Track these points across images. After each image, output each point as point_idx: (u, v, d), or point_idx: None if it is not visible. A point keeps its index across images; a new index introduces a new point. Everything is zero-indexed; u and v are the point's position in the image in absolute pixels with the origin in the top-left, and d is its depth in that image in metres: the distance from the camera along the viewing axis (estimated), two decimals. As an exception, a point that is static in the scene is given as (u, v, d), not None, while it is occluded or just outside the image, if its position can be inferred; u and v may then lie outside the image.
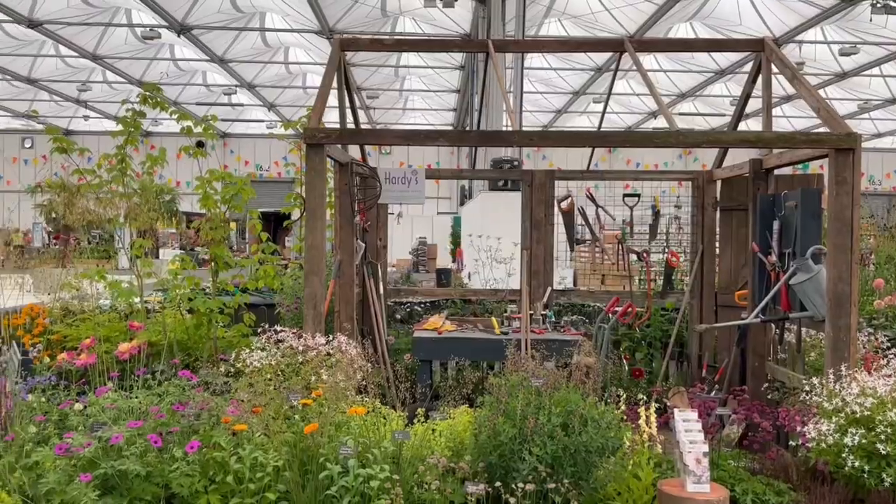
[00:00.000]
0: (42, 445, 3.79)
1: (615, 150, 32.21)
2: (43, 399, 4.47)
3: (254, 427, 3.74)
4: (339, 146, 6.10)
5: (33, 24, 19.80)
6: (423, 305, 8.17)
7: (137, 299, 6.15)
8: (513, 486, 3.61)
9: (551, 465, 3.73)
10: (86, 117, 31.69)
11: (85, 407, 4.16)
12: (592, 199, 7.18)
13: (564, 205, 7.10)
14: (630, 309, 6.66)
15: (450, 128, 31.13)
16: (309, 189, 5.05)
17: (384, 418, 4.28)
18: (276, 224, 11.30)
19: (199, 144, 6.77)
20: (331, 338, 4.47)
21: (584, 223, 7.33)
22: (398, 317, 8.06)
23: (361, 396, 4.32)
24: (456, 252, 16.54)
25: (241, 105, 30.79)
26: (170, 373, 4.80)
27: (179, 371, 4.54)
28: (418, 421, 4.41)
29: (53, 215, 21.87)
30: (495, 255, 8.22)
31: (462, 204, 21.32)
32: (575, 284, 10.28)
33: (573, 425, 3.83)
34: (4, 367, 4.70)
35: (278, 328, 4.47)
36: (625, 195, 7.28)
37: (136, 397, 4.17)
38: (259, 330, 4.60)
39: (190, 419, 3.90)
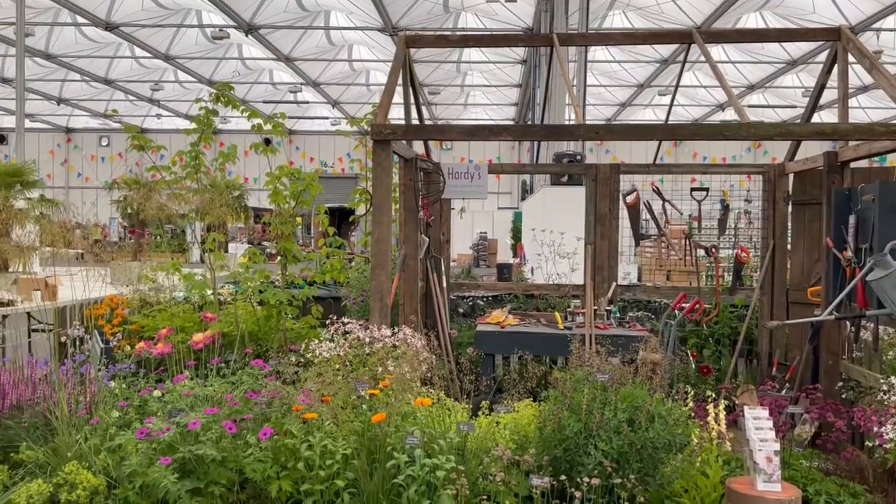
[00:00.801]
0: (124, 429, 3.95)
1: (681, 143, 31.56)
2: (124, 385, 4.66)
3: (323, 416, 3.82)
4: (404, 142, 6.18)
5: (110, 27, 20.62)
6: (485, 300, 8.21)
7: (210, 291, 6.35)
8: (578, 480, 3.61)
9: (617, 460, 3.71)
10: (158, 116, 32.80)
11: (163, 394, 4.32)
12: (659, 193, 7.07)
13: (630, 199, 7.02)
14: (698, 305, 6.54)
15: (511, 122, 31.02)
16: (375, 184, 5.13)
17: (449, 410, 4.33)
18: (340, 219, 11.49)
19: (267, 142, 6.94)
20: (396, 330, 4.54)
21: (649, 218, 7.24)
22: (461, 310, 8.11)
23: (426, 388, 4.38)
24: (517, 247, 16.51)
25: (307, 102, 31.38)
26: (242, 362, 4.95)
27: (252, 361, 4.68)
28: (482, 413, 4.44)
29: (129, 211, 22.75)
30: (558, 250, 8.19)
31: (523, 199, 21.26)
32: (639, 280, 10.15)
33: (639, 421, 3.80)
34: (88, 354, 4.95)
35: (345, 320, 4.56)
36: (692, 189, 7.15)
37: (212, 385, 4.32)
38: (327, 322, 4.70)
39: (262, 407, 4.02)
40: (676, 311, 6.55)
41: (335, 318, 4.64)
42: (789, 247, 6.73)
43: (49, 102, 30.67)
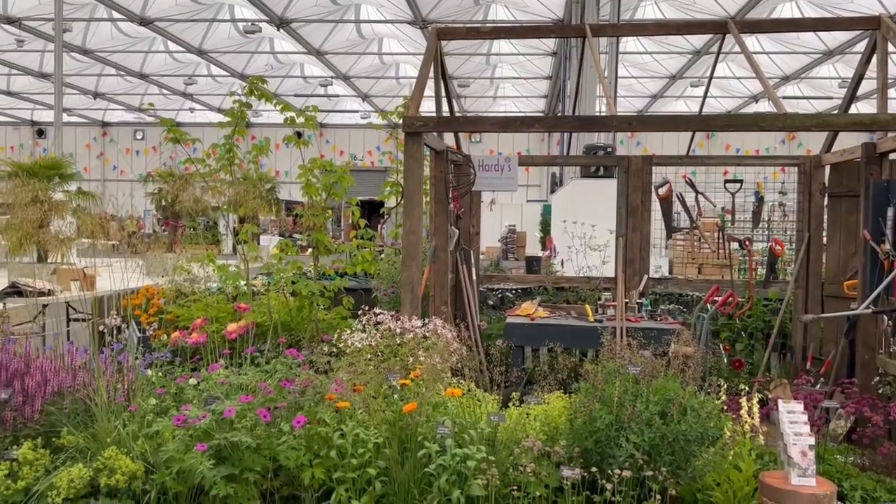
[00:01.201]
0: (161, 416, 4.04)
1: (713, 135, 31.13)
2: (160, 374, 4.76)
3: (355, 405, 3.87)
4: (435, 134, 6.19)
5: (145, 22, 20.90)
6: (514, 292, 8.20)
7: (244, 282, 6.44)
8: (609, 472, 3.61)
9: (648, 452, 3.70)
10: (192, 109, 33.17)
11: (199, 382, 4.40)
12: (692, 185, 7.00)
13: (662, 191, 6.96)
14: (731, 298, 6.47)
15: (541, 114, 30.85)
16: (407, 176, 5.15)
17: (479, 401, 4.35)
18: (370, 211, 11.58)
19: (299, 135, 7.01)
20: (426, 321, 4.57)
21: (681, 210, 7.17)
22: (490, 303, 8.12)
23: (457, 379, 4.40)
24: (545, 240, 16.44)
25: (337, 96, 31.49)
26: (275, 352, 5.02)
27: (285, 350, 4.74)
28: (513, 404, 4.45)
29: (163, 203, 23.10)
30: (589, 242, 8.15)
31: (553, 191, 21.15)
32: (671, 273, 10.06)
33: (671, 414, 3.78)
34: (126, 343, 5.05)
35: (377, 311, 4.59)
36: (726, 181, 7.07)
37: (246, 374, 4.39)
38: (358, 312, 4.74)
39: (296, 396, 4.07)
40: (709, 305, 6.49)
41: (366, 308, 4.68)
42: (825, 240, 6.63)
43: (86, 97, 31.18)
